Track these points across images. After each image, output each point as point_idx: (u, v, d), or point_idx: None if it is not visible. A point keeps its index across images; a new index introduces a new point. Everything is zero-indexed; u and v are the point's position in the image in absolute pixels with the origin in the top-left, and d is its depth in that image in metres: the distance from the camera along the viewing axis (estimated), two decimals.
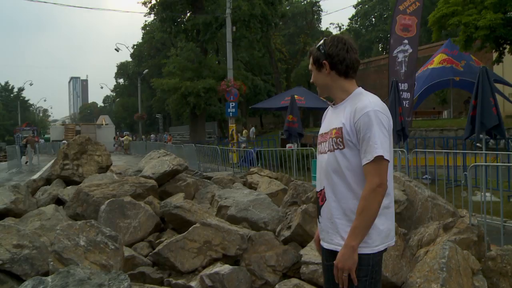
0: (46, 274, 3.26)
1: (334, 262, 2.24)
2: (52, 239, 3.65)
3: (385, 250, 2.33)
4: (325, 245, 2.39)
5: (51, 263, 3.31)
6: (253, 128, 37.14)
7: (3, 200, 5.55)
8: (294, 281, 3.81)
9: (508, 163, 9.86)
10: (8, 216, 5.37)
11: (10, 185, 6.06)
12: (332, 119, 2.41)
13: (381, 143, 2.19)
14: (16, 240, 3.71)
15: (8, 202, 5.52)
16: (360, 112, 2.24)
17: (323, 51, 2.38)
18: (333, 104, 2.48)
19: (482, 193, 8.08)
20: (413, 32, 14.49)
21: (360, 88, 2.41)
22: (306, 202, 5.14)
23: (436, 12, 21.47)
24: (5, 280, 3.46)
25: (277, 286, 3.79)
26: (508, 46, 21.78)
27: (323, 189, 2.38)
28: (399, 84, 12.58)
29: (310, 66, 2.48)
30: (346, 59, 2.35)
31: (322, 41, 2.42)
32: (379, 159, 2.19)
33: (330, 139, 2.34)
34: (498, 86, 24.36)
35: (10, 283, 3.45)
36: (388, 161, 2.22)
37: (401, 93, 12.80)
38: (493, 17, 18.81)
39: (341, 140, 2.28)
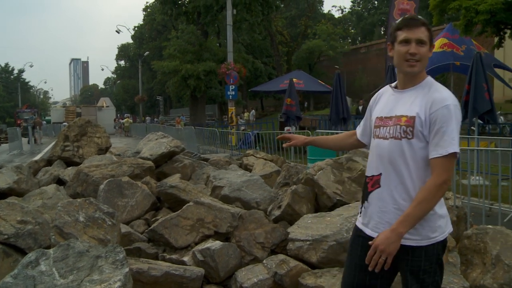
0: (48, 247, 3.48)
1: (375, 242, 2.18)
2: (54, 216, 3.88)
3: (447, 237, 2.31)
4: (370, 232, 2.34)
5: (53, 237, 3.54)
6: (253, 111, 37.30)
7: (6, 180, 5.78)
8: (281, 256, 4.04)
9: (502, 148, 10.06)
10: (11, 195, 5.60)
11: (13, 165, 6.29)
12: (398, 104, 2.31)
13: (457, 139, 2.15)
14: (20, 216, 3.95)
15: (11, 182, 5.75)
16: (439, 104, 2.16)
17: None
18: (395, 87, 2.40)
19: (473, 177, 8.31)
20: None
21: (429, 76, 2.33)
22: (297, 183, 5.35)
23: None
24: (10, 253, 3.70)
25: (264, 261, 4.03)
26: (508, 31, 21.77)
27: (379, 175, 2.31)
28: (396, 69, 12.73)
29: (425, 38, 2.25)
30: None
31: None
32: (452, 156, 2.14)
33: (398, 126, 2.25)
34: (499, 71, 24.44)
35: (15, 256, 3.69)
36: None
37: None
38: (494, 2, 18.81)
39: (411, 130, 2.20)
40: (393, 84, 2.45)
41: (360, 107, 21.98)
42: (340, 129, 13.79)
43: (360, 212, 2.46)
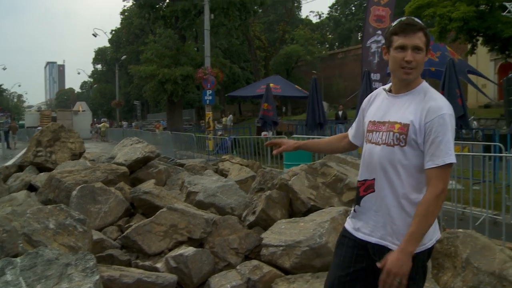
0: (16, 256, 3.42)
1: (387, 267, 2.11)
2: (22, 224, 3.81)
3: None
4: (363, 236, 2.32)
5: (21, 245, 3.48)
6: (230, 115, 37.28)
7: None
8: (254, 262, 4.04)
9: (475, 152, 10.23)
10: None
11: None
12: (391, 109, 2.28)
13: (453, 149, 2.12)
14: None
15: None
16: (435, 113, 2.12)
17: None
18: (389, 91, 2.35)
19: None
20: (386, 23, 14.81)
21: (424, 81, 2.29)
22: (271, 188, 5.36)
23: (412, 3, 21.88)
24: None
25: (238, 267, 4.02)
26: (480, 38, 22.28)
27: (373, 180, 2.28)
28: (371, 74, 12.87)
29: (422, 44, 2.19)
30: None
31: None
32: (449, 166, 2.11)
33: (391, 133, 2.21)
34: (472, 77, 24.90)
35: None
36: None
37: (373, 83, 13.11)
38: (466, 10, 19.26)
39: (404, 137, 2.16)
40: (386, 87, 2.40)
41: (340, 112, 22.15)
42: (317, 134, 13.87)
43: (350, 215, 2.45)
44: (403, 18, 2.26)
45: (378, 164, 2.24)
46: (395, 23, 2.27)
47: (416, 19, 2.25)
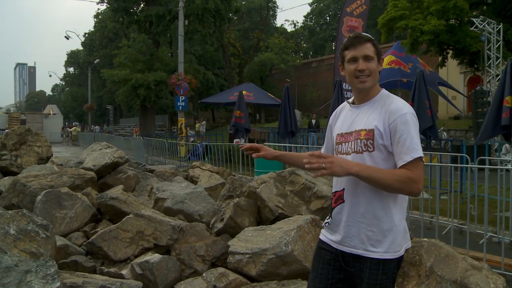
0: None
1: (332, 156, 2.19)
2: None
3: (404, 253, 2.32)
4: (337, 246, 2.35)
5: None
6: (204, 122, 37.18)
7: None
8: (220, 269, 4.02)
9: (444, 163, 10.43)
10: None
11: None
12: (356, 119, 2.35)
13: (419, 145, 2.17)
14: None
15: None
16: (396, 114, 2.21)
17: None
18: (353, 103, 2.43)
19: None
20: None
21: (384, 89, 2.37)
22: (240, 195, 5.36)
23: (385, 15, 22.22)
24: None
25: (204, 274, 4.00)
26: (450, 51, 22.77)
27: (342, 190, 2.33)
28: (343, 84, 12.98)
29: (371, 53, 2.29)
30: None
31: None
32: (418, 160, 2.16)
33: (358, 140, 2.27)
34: (443, 89, 25.40)
35: None
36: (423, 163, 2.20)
37: (345, 92, 13.24)
38: (437, 23, 19.68)
39: (371, 142, 2.23)
40: (350, 100, 2.48)
41: (313, 121, 22.27)
42: (289, 141, 13.93)
43: (324, 226, 2.48)
44: (351, 35, 2.40)
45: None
46: (345, 40, 2.39)
47: (364, 33, 2.38)
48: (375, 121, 2.25)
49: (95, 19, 62.65)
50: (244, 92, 17.11)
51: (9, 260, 2.97)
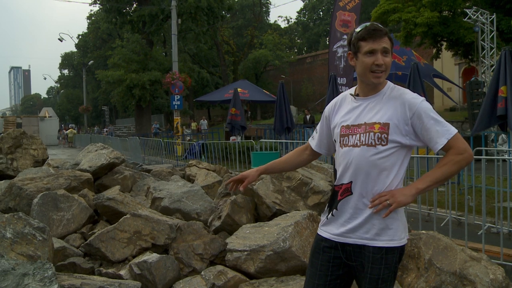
0: None
1: (392, 189, 2.21)
2: None
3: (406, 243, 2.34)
4: (339, 239, 2.34)
5: None
6: (206, 121, 36.76)
7: None
8: (219, 267, 4.01)
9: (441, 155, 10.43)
10: None
11: None
12: (364, 112, 2.32)
13: (448, 124, 2.20)
14: None
15: None
16: (415, 102, 2.21)
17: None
18: (356, 95, 2.39)
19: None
20: (352, 28, 14.97)
21: (389, 81, 2.37)
22: (237, 193, 5.34)
23: (378, 8, 22.25)
24: None
25: (202, 273, 3.99)
26: (445, 43, 22.79)
27: (349, 183, 2.30)
28: (338, 78, 12.98)
29: (389, 47, 2.27)
30: None
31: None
32: (454, 136, 2.18)
33: (372, 133, 2.24)
34: (438, 81, 25.45)
35: None
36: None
37: (339, 87, 13.23)
38: (430, 15, 19.69)
39: (386, 136, 2.21)
40: (351, 91, 2.44)
41: (308, 116, 22.23)
42: (285, 137, 13.92)
43: (323, 221, 2.45)
44: (368, 24, 2.31)
45: (355, 166, 2.27)
46: (359, 29, 2.30)
47: (380, 25, 2.31)
48: (390, 115, 2.24)
49: (88, 21, 62.60)
50: (239, 89, 17.10)
51: (6, 263, 2.95)
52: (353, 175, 2.28)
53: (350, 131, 2.32)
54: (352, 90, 2.45)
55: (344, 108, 2.41)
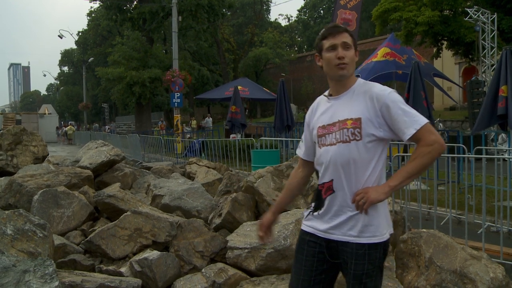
0: None
1: (366, 188, 2.23)
2: None
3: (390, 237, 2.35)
4: (324, 235, 2.36)
5: None
6: (210, 118, 36.14)
7: None
8: (219, 265, 4.01)
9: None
10: None
11: None
12: (338, 110, 2.35)
13: (417, 114, 2.21)
14: None
15: None
16: (382, 95, 2.24)
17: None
18: (330, 95, 2.43)
19: (412, 182, 8.55)
20: (353, 26, 14.97)
21: (359, 78, 2.42)
22: (237, 191, 5.34)
23: (379, 7, 22.18)
24: None
25: (203, 270, 3.99)
26: (445, 42, 22.75)
27: (330, 181, 2.32)
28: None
29: (349, 42, 2.32)
30: None
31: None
32: (423, 127, 2.19)
33: (345, 129, 2.27)
34: (438, 80, 25.41)
35: None
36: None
37: None
38: (431, 14, 19.64)
39: (359, 131, 2.24)
40: (326, 93, 2.47)
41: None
42: (285, 135, 13.91)
43: (308, 218, 2.47)
44: (328, 25, 2.43)
45: (334, 164, 2.30)
46: (322, 31, 2.42)
47: (340, 24, 2.43)
48: (361, 109, 2.27)
49: (89, 18, 62.44)
50: (239, 87, 17.10)
51: (6, 260, 2.95)
52: (333, 173, 2.31)
53: (326, 131, 2.37)
54: (326, 92, 2.50)
55: (320, 110, 2.46)
